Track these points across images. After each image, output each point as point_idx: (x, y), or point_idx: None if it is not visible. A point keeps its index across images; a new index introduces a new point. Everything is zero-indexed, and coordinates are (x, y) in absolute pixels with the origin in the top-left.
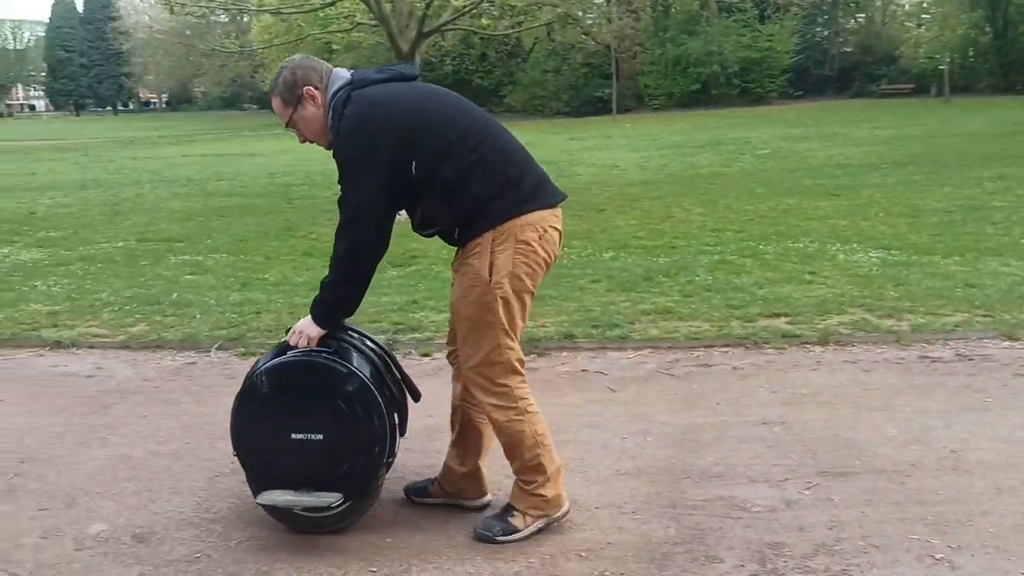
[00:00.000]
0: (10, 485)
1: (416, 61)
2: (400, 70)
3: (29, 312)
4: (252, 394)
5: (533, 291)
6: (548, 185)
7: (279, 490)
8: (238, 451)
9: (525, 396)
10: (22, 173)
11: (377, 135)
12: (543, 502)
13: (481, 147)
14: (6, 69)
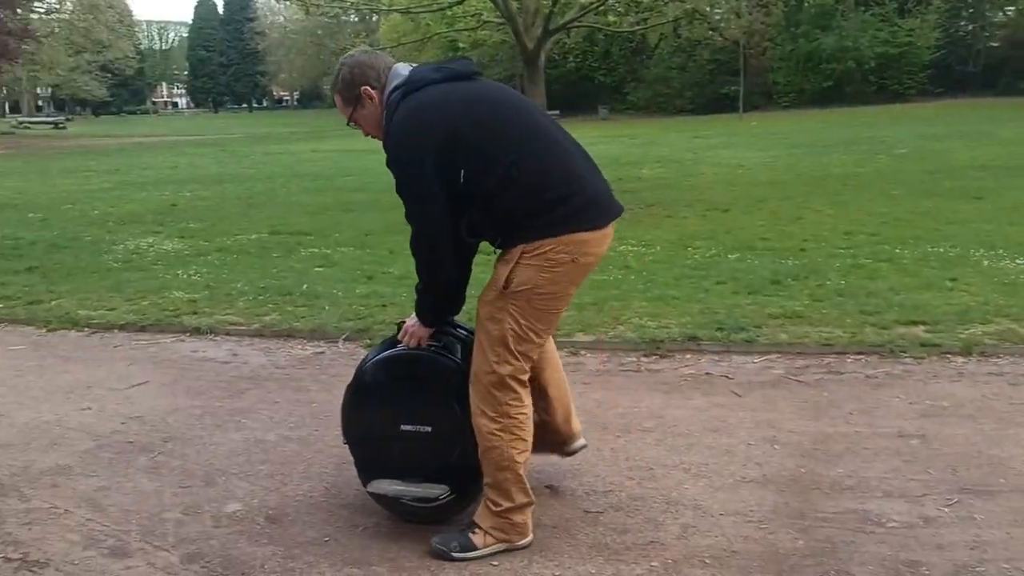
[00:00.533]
0: (155, 463)
1: (541, 59)
2: (457, 68)
3: (172, 299)
4: (362, 385)
5: (556, 311)
6: (596, 206)
7: (388, 480)
8: (348, 440)
9: (514, 416)
10: (165, 167)
11: (423, 141)
12: (508, 525)
13: (525, 162)
14: (152, 68)
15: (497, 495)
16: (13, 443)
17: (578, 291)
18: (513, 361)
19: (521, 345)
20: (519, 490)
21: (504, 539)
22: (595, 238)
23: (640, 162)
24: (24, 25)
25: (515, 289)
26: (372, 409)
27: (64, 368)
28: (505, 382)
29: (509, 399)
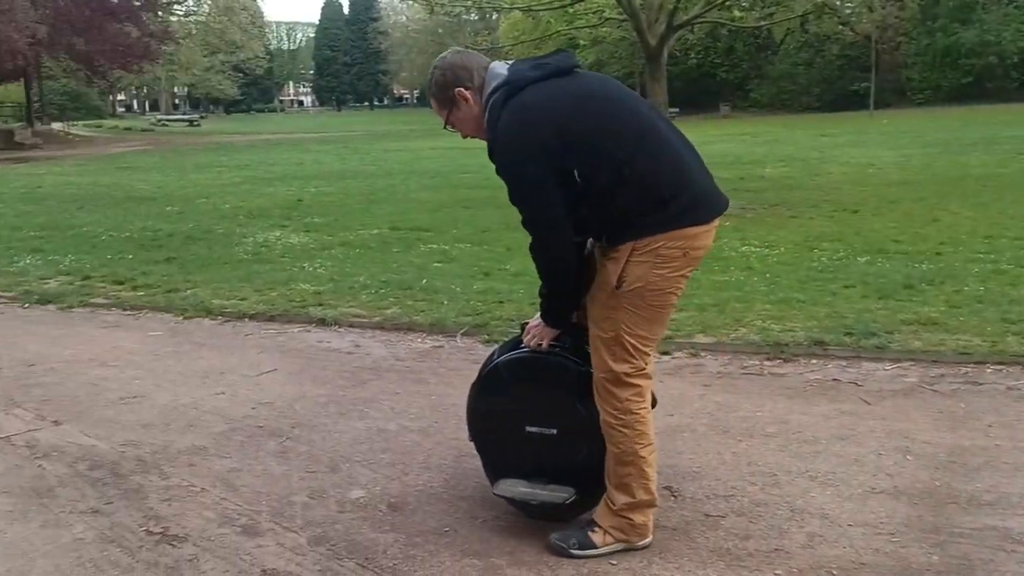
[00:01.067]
0: (283, 447)
1: (663, 56)
2: (557, 64)
3: (298, 291)
4: (488, 385)
5: (669, 306)
6: (705, 200)
7: (514, 480)
8: (474, 439)
9: (635, 412)
10: (291, 163)
11: (533, 144)
12: (628, 525)
13: (636, 159)
14: (280, 68)
15: (619, 492)
16: (154, 423)
17: (699, 292)
18: (629, 359)
19: (637, 342)
20: (641, 487)
21: (623, 539)
22: (704, 232)
23: (763, 161)
24: (164, 27)
25: (627, 288)
26: (497, 410)
27: (199, 354)
28: (622, 379)
29: (629, 395)
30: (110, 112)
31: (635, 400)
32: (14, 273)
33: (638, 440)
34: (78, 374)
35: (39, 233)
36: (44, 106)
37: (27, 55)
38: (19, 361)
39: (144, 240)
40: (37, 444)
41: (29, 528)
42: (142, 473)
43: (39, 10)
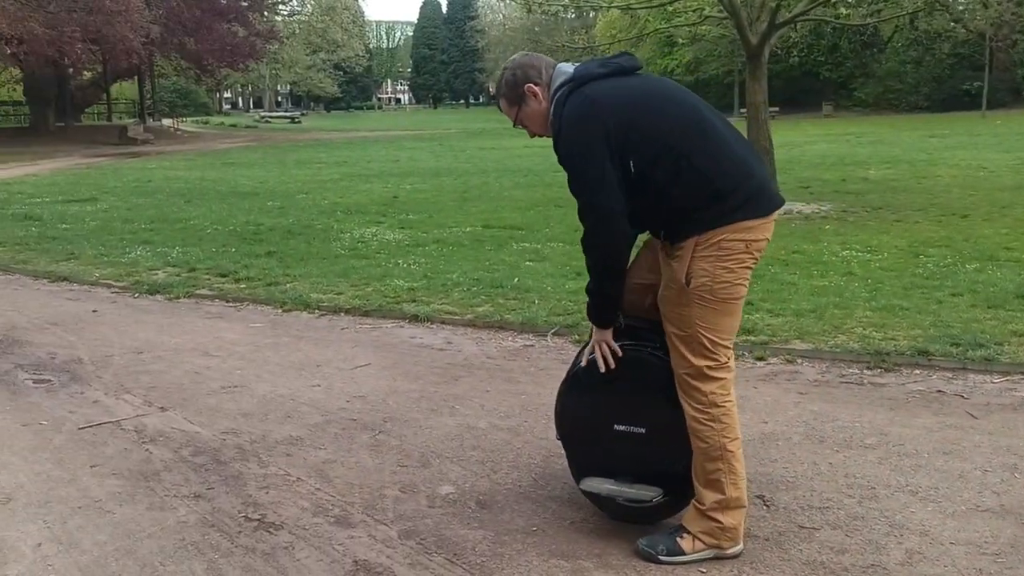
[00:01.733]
0: (376, 441)
1: (764, 55)
2: (621, 63)
3: (393, 287)
4: (577, 382)
5: (739, 298)
6: (763, 194)
7: (601, 478)
8: (561, 436)
9: (721, 404)
10: (388, 160)
11: (596, 134)
12: (718, 529)
13: (694, 154)
14: (379, 66)
15: (708, 490)
16: (253, 413)
17: (795, 296)
18: (708, 354)
19: (713, 336)
20: (731, 483)
21: (714, 544)
22: (762, 225)
23: (867, 162)
24: (270, 27)
25: (696, 283)
26: (585, 408)
27: (297, 347)
28: (705, 374)
29: (713, 388)
30: (217, 109)
31: (719, 393)
32: (126, 264)
33: (725, 434)
34: (183, 362)
35: (149, 225)
36: (156, 103)
37: (141, 54)
38: (129, 349)
39: (246, 234)
40: (144, 429)
41: (136, 510)
42: (241, 461)
43: (153, 11)
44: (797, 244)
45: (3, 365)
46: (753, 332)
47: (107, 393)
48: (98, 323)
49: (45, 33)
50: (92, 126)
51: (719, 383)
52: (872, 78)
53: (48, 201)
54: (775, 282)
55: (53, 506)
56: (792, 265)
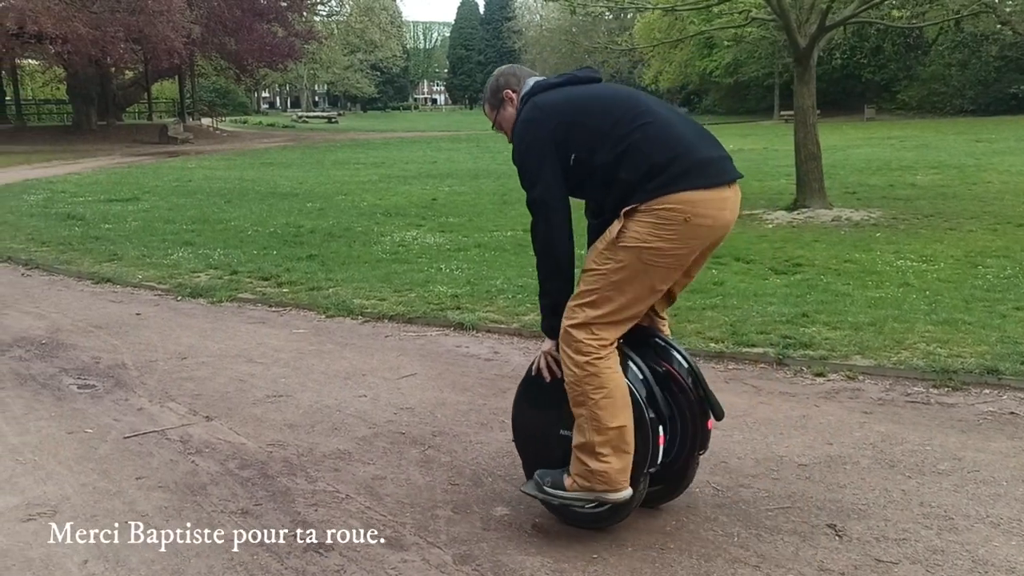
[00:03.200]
0: (426, 456)
1: (813, 57)
2: (576, 74)
3: (435, 293)
4: (529, 387)
5: (662, 269)
6: (707, 167)
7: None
8: (516, 438)
9: (586, 353)
10: (425, 161)
11: (539, 135)
12: (587, 472)
13: (632, 135)
14: (416, 66)
15: (576, 432)
16: (299, 424)
17: (852, 308)
18: (598, 316)
19: (615, 304)
20: (592, 430)
21: (586, 487)
22: (708, 198)
23: (913, 167)
24: (309, 27)
25: (626, 241)
26: (535, 410)
27: (341, 354)
28: (584, 323)
29: (586, 336)
30: (255, 109)
31: (591, 344)
32: (168, 266)
33: (588, 382)
34: (227, 369)
35: (191, 227)
36: (195, 102)
37: (182, 54)
38: (173, 354)
39: (287, 236)
40: (190, 439)
41: (183, 526)
42: (289, 475)
43: (194, 11)
44: (848, 253)
45: (49, 369)
46: (811, 346)
47: (151, 400)
48: (141, 327)
49: (89, 33)
50: (133, 125)
51: (596, 337)
52: (916, 81)
53: (91, 200)
54: (829, 292)
55: (99, 520)
56: (845, 275)
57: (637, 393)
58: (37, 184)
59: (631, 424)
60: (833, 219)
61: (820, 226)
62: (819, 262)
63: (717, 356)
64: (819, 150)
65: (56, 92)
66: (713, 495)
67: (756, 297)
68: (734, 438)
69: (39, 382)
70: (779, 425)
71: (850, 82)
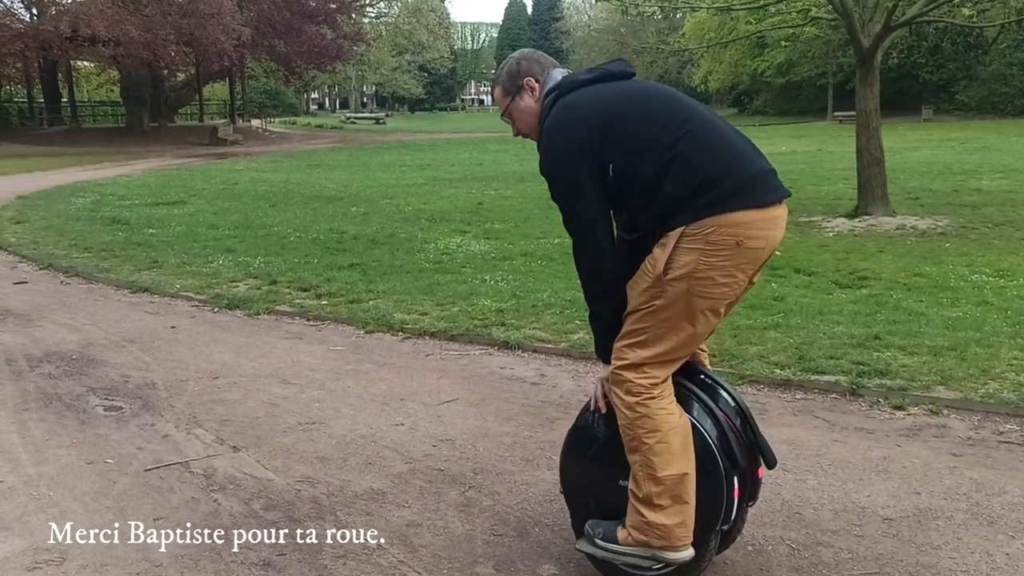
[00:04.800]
0: (466, 499)
1: (877, 58)
2: (610, 69)
3: (480, 307)
4: (585, 433)
5: (713, 303)
6: (760, 183)
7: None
8: (565, 489)
9: (636, 393)
10: (472, 163)
11: (573, 143)
12: (644, 524)
13: (679, 144)
14: (464, 67)
15: (633, 482)
16: (331, 457)
17: (927, 328)
18: (650, 352)
19: (677, 334)
20: (649, 479)
21: (642, 541)
22: (760, 219)
23: (977, 171)
24: (357, 29)
25: (674, 274)
26: (592, 459)
27: (379, 375)
28: (634, 364)
29: (635, 376)
30: (304, 110)
31: (641, 384)
32: (207, 274)
33: (641, 424)
34: (259, 391)
35: (233, 232)
36: (245, 104)
37: (232, 56)
38: (205, 372)
39: (330, 242)
40: (214, 473)
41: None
42: (317, 519)
43: (244, 13)
44: (918, 265)
45: (76, 388)
46: (887, 374)
47: (178, 426)
48: (175, 341)
49: (140, 35)
50: (184, 126)
51: (647, 376)
52: (976, 80)
53: (137, 204)
54: (901, 311)
55: (110, 571)
56: (916, 290)
57: (708, 436)
58: (87, 186)
59: (692, 472)
60: (897, 227)
61: (884, 235)
62: (886, 275)
63: (783, 384)
64: (882, 154)
65: (110, 94)
66: (789, 555)
67: (821, 315)
68: (808, 483)
69: (65, 403)
70: (858, 468)
71: (907, 82)
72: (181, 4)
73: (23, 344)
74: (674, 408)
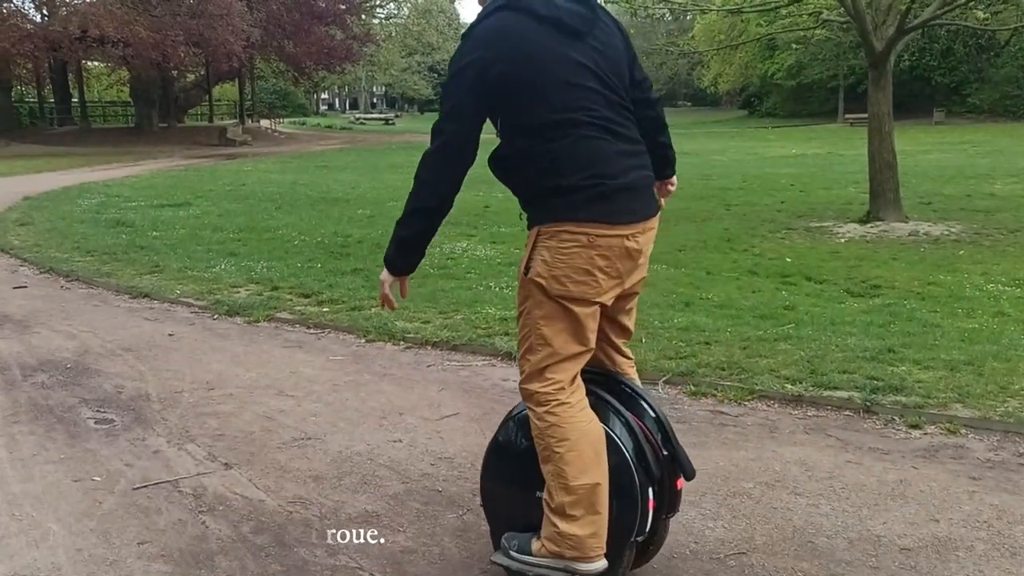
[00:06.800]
0: (463, 523)
1: (890, 62)
2: (563, 19)
3: (483, 316)
4: (503, 445)
5: (576, 302)
6: (621, 201)
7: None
8: (484, 502)
9: (545, 403)
10: (479, 164)
11: (478, 64)
12: (556, 535)
13: (556, 142)
14: None
15: (545, 492)
16: (326, 476)
17: (942, 341)
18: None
19: (552, 331)
20: (560, 488)
21: (555, 552)
22: (614, 234)
23: (990, 175)
24: (367, 30)
25: (534, 275)
26: (508, 473)
27: (378, 387)
28: (536, 370)
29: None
30: (314, 110)
31: (545, 393)
32: (208, 279)
33: (550, 433)
34: (255, 403)
35: (237, 235)
36: (255, 104)
37: (241, 57)
38: (201, 383)
39: (334, 246)
40: (204, 493)
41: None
42: (308, 545)
43: (254, 14)
44: (931, 274)
45: (68, 399)
46: (902, 390)
47: (170, 441)
48: (172, 349)
49: (150, 36)
50: (193, 127)
51: (549, 382)
52: (988, 83)
53: (143, 205)
54: (915, 322)
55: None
56: (930, 300)
57: (624, 447)
58: (94, 187)
59: (605, 482)
60: (910, 233)
61: (896, 241)
62: (900, 284)
63: (795, 400)
64: (895, 159)
65: (120, 94)
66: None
67: (833, 326)
68: (821, 509)
69: (56, 415)
70: (873, 493)
71: (918, 84)
72: (190, 5)
73: (18, 352)
74: (585, 416)
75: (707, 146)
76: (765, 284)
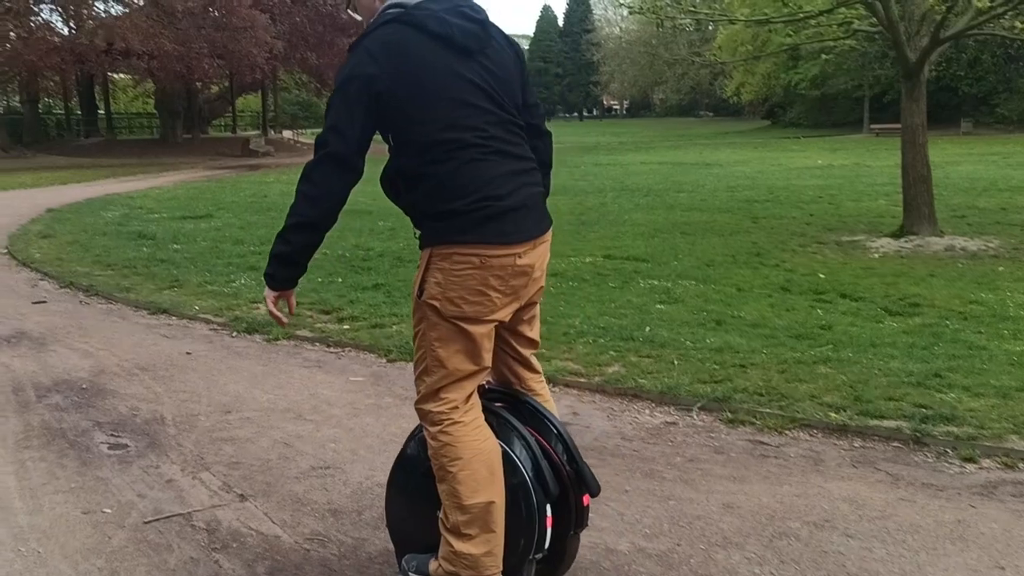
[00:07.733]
0: None
1: (924, 73)
2: (455, 36)
3: None
4: (405, 465)
5: (470, 323)
6: (506, 221)
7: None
8: (388, 523)
9: (439, 422)
10: None
11: (363, 80)
12: (452, 554)
13: (440, 165)
14: None
15: (441, 511)
16: (345, 510)
17: (990, 366)
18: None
19: (447, 353)
20: (455, 508)
21: (451, 571)
22: (503, 254)
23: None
24: None
25: (427, 295)
26: (410, 493)
27: (399, 411)
28: (431, 392)
29: (432, 406)
30: None
31: (438, 412)
32: (228, 295)
33: (444, 453)
34: (272, 428)
35: (258, 248)
36: (277, 115)
37: (264, 69)
38: (218, 406)
39: (355, 260)
40: (217, 528)
41: None
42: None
43: (277, 26)
44: (973, 292)
45: (82, 423)
46: (953, 420)
47: (184, 469)
48: (189, 369)
49: (175, 49)
50: (217, 138)
51: (443, 401)
52: (1016, 93)
53: (165, 217)
54: (960, 344)
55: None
56: (973, 320)
57: (521, 465)
58: (117, 199)
59: (500, 500)
60: (946, 248)
61: (933, 256)
62: (940, 302)
63: (840, 430)
64: (929, 172)
65: (146, 106)
66: None
67: (874, 347)
68: (875, 553)
69: (68, 439)
70: (930, 535)
71: (945, 95)
72: (215, 18)
73: (33, 372)
74: (480, 435)
75: (730, 157)
76: (799, 301)
